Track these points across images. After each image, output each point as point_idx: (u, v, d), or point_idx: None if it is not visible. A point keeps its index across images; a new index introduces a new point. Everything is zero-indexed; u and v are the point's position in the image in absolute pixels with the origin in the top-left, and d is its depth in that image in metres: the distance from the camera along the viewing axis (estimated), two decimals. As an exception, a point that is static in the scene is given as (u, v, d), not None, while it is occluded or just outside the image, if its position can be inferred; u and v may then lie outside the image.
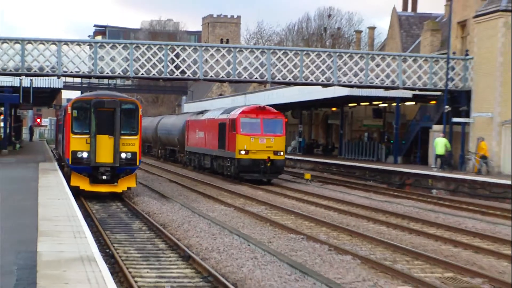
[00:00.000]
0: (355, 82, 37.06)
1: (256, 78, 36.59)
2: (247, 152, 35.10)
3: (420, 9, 65.17)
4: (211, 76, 35.96)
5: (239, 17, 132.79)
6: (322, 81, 36.65)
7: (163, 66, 34.76)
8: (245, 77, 36.39)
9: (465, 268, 14.70)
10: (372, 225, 22.26)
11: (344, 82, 37.01)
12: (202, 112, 48.05)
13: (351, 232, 20.31)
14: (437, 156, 36.85)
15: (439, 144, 36.40)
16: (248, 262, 15.74)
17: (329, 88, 41.61)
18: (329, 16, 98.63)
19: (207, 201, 28.94)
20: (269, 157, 35.09)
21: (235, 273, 14.71)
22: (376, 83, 37.38)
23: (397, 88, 38.18)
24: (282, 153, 36.14)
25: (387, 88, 38.32)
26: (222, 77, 36.14)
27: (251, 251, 17.19)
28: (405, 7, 63.98)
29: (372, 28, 75.66)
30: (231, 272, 14.83)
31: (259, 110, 36.72)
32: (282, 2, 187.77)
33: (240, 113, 36.36)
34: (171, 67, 35.05)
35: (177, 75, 35.45)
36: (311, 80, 36.64)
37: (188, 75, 35.83)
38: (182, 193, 32.13)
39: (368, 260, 15.88)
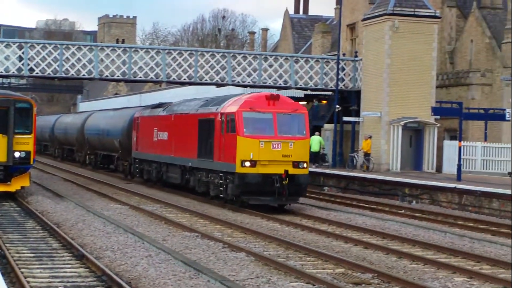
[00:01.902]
0: (248, 82, 37.84)
1: (152, 77, 37.02)
2: (253, 163, 23.54)
3: (311, 11, 67.46)
4: (107, 76, 36.16)
5: (135, 17, 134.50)
6: (217, 81, 37.38)
7: (58, 65, 34.65)
8: (140, 77, 36.72)
9: (355, 263, 14.97)
10: (266, 222, 22.72)
11: (238, 82, 37.78)
12: (161, 105, 35.44)
13: (245, 230, 20.76)
14: (312, 153, 37.28)
15: (313, 141, 37.09)
16: (142, 260, 15.80)
17: (224, 88, 42.25)
18: (223, 17, 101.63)
19: (102, 199, 29.14)
20: (286, 171, 23.55)
21: (129, 272, 14.67)
22: (269, 83, 38.10)
23: (289, 88, 39.10)
24: (305, 165, 24.69)
25: (280, 88, 38.86)
26: (118, 76, 36.44)
27: (146, 249, 17.36)
28: (297, 10, 65.65)
29: (265, 30, 76.92)
30: (125, 271, 14.81)
31: (270, 100, 24.91)
32: (177, 3, 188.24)
33: (242, 104, 24.79)
34: (66, 66, 34.92)
35: (72, 74, 35.31)
36: (206, 80, 37.36)
37: (84, 75, 35.81)
38: (77, 192, 32.00)
39: (262, 257, 16.16)
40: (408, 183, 30.43)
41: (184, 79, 37.30)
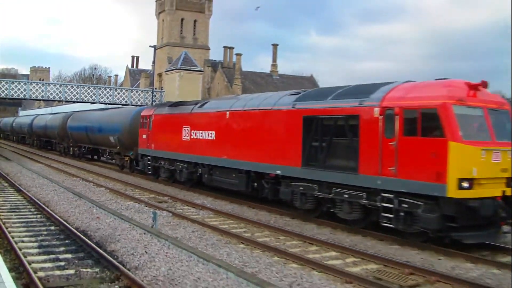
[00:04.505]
0: (104, 100, 54.58)
1: (59, 98, 47.62)
2: (470, 183, 14.07)
3: (141, 66, 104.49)
4: (36, 96, 46.45)
5: (49, 67, 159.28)
6: (93, 100, 50.75)
7: (7, 91, 43.98)
8: (54, 97, 47.02)
9: None
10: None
11: (104, 100, 54.88)
12: (183, 104, 29.62)
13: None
14: None
15: None
16: (52, 192, 23.75)
17: (87, 104, 58.24)
18: (95, 68, 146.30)
19: (32, 162, 33.67)
20: (504, 193, 14.69)
21: (44, 198, 22.33)
22: (117, 102, 54.27)
23: (122, 104, 65.56)
24: None
25: (124, 104, 54.95)
26: (42, 97, 46.71)
27: (53, 186, 26.10)
28: (132, 65, 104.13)
29: (116, 75, 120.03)
30: (42, 197, 22.59)
31: (473, 91, 15.20)
32: (72, 60, 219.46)
33: (448, 94, 14.75)
34: (12, 92, 44.53)
35: (14, 95, 44.84)
36: (86, 99, 49.56)
37: (22, 96, 45.10)
38: (20, 159, 43.09)
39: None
40: None
41: (76, 99, 50.30)
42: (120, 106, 54.95)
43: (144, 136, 31.81)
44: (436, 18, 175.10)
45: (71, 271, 11.68)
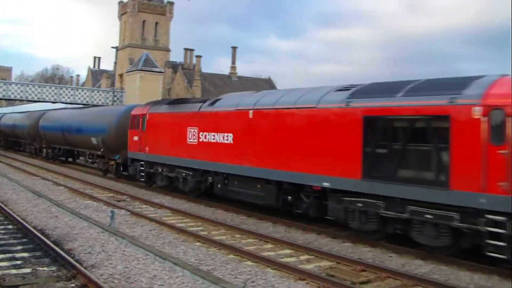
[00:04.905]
0: (65, 101, 54.73)
1: (23, 97, 53.00)
2: None
3: (103, 67, 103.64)
4: (3, 96, 50.94)
5: (11, 67, 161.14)
6: (55, 99, 54.75)
7: None
8: (15, 96, 52.09)
9: None
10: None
11: (65, 100, 55.41)
12: (186, 101, 25.90)
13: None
14: None
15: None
16: (10, 191, 23.45)
17: (49, 104, 58.32)
18: (57, 69, 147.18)
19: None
20: None
21: (3, 197, 22.45)
22: (79, 101, 56.11)
23: (80, 104, 65.82)
24: None
25: (85, 105, 56.09)
26: (8, 96, 51.78)
27: (12, 185, 25.82)
28: (94, 66, 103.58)
29: (78, 75, 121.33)
30: (1, 197, 22.22)
31: None
32: (35, 59, 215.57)
33: None
34: None
35: None
36: (49, 99, 53.93)
37: None
38: None
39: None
40: None
41: (38, 98, 53.10)
42: (82, 105, 54.96)
43: (135, 138, 27.76)
44: (390, 23, 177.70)
45: (28, 270, 11.56)
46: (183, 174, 23.57)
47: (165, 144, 24.78)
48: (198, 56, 75.92)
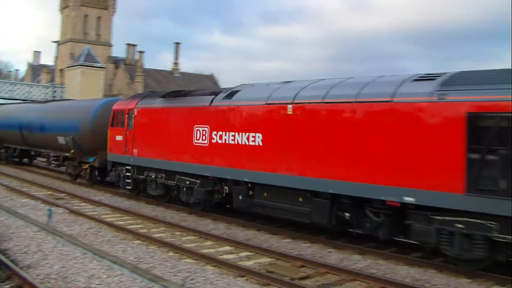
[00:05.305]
0: (10, 96, 53.40)
1: None
2: None
3: (43, 62, 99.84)
4: None
5: None
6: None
7: None
8: None
9: None
10: None
11: (8, 96, 52.97)
12: (188, 92, 21.08)
13: None
14: None
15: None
16: None
17: None
18: None
19: None
20: None
21: None
22: (29, 97, 58.16)
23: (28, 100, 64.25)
24: None
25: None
26: None
27: None
28: (34, 60, 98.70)
29: (16, 70, 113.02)
30: None
31: None
32: None
33: None
34: None
35: None
36: None
37: None
38: None
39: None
40: None
41: None
42: (21, 101, 53.41)
43: (118, 137, 23.05)
44: (333, 21, 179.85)
45: (-41, 271, 11.16)
46: (187, 182, 19.41)
47: (162, 146, 20.36)
48: (141, 52, 75.02)
